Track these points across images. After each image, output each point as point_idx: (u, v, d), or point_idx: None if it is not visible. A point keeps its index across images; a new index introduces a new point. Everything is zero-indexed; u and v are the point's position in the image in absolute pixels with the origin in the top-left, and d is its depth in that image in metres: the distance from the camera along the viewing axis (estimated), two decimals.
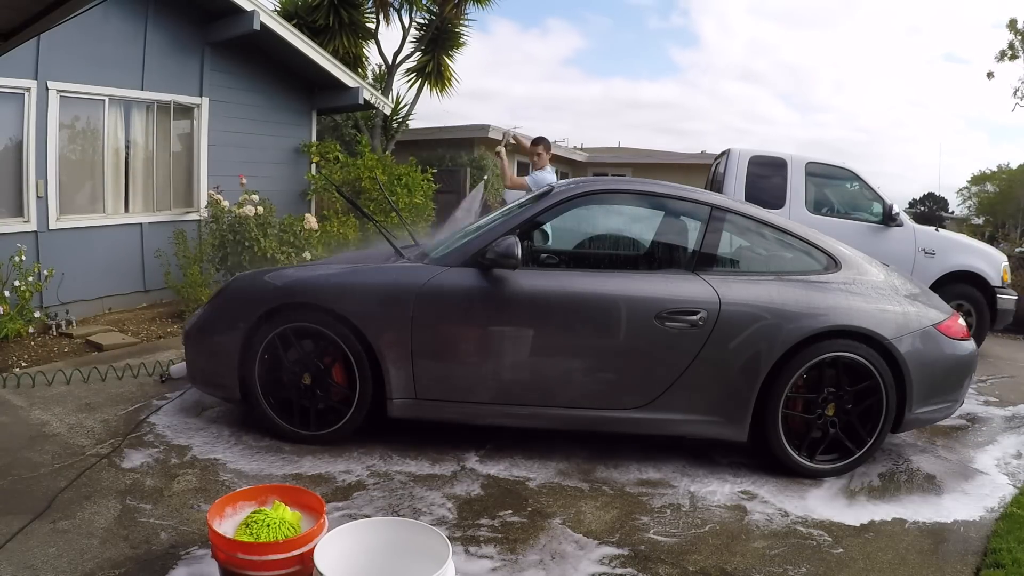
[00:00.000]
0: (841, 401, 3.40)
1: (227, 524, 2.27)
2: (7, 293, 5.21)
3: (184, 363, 4.06)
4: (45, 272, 5.65)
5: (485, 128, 15.04)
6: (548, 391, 3.47)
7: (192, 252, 6.78)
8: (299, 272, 3.90)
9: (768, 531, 2.89)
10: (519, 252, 3.36)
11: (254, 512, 2.26)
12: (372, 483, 3.16)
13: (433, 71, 11.97)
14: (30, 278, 5.45)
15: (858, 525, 2.97)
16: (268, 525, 2.19)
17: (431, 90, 12.24)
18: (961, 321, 3.69)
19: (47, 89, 5.88)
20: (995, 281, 6.67)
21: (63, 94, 6.03)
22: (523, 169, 20.31)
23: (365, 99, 8.76)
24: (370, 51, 12.18)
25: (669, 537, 2.81)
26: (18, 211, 5.84)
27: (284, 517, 2.25)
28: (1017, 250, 11.83)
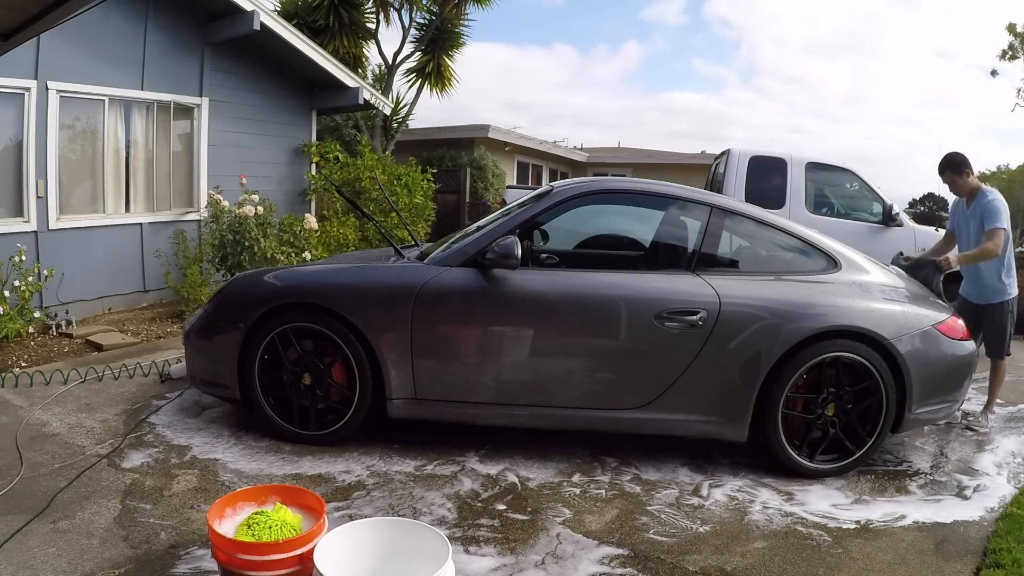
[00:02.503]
0: (841, 401, 3.40)
1: (227, 524, 2.27)
2: (7, 293, 5.21)
3: (184, 363, 4.06)
4: (45, 272, 5.65)
5: (485, 128, 15.06)
6: (548, 391, 3.47)
7: (192, 252, 6.78)
8: (299, 272, 3.90)
9: (768, 531, 2.89)
10: (519, 252, 3.36)
11: (255, 513, 2.26)
12: (372, 483, 3.16)
13: (433, 71, 11.97)
14: (30, 278, 5.45)
15: (858, 525, 2.97)
16: (270, 527, 2.18)
17: (431, 90, 12.25)
18: (961, 321, 3.69)
19: (47, 89, 5.88)
20: None
21: (63, 94, 6.04)
22: (523, 169, 20.26)
23: (365, 99, 8.76)
24: (370, 51, 12.20)
25: (669, 537, 2.81)
26: (18, 211, 5.85)
27: (286, 519, 2.24)
28: (1017, 250, 11.82)
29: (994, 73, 19.09)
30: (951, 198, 4.54)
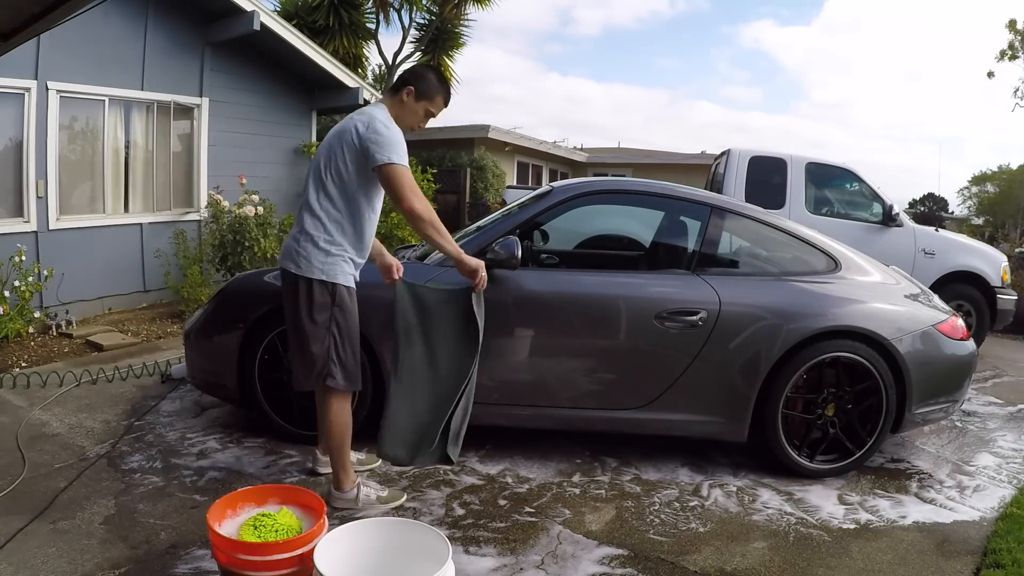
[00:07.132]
0: (841, 401, 3.40)
1: (227, 524, 2.27)
2: (7, 293, 5.21)
3: (184, 363, 4.06)
4: (45, 272, 5.65)
5: (485, 128, 15.06)
6: (548, 391, 3.46)
7: (192, 252, 6.78)
8: None
9: (768, 531, 2.89)
10: (519, 252, 3.36)
11: (261, 515, 2.26)
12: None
13: None
14: (30, 278, 5.45)
15: (858, 525, 2.97)
16: (276, 531, 2.18)
17: None
18: (961, 321, 3.69)
19: (47, 89, 5.88)
20: (995, 281, 6.66)
21: (63, 94, 6.04)
22: (523, 169, 20.22)
23: (365, 99, 8.74)
24: (370, 51, 12.23)
25: (669, 537, 2.81)
26: (18, 211, 5.85)
27: (291, 524, 2.24)
28: (1017, 250, 11.83)
29: (991, 75, 18.99)
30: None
